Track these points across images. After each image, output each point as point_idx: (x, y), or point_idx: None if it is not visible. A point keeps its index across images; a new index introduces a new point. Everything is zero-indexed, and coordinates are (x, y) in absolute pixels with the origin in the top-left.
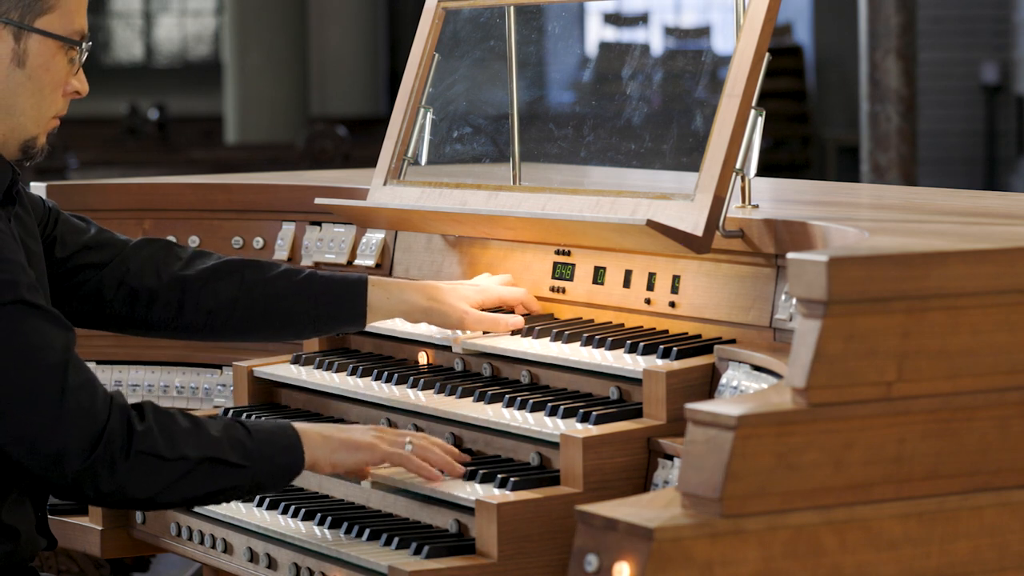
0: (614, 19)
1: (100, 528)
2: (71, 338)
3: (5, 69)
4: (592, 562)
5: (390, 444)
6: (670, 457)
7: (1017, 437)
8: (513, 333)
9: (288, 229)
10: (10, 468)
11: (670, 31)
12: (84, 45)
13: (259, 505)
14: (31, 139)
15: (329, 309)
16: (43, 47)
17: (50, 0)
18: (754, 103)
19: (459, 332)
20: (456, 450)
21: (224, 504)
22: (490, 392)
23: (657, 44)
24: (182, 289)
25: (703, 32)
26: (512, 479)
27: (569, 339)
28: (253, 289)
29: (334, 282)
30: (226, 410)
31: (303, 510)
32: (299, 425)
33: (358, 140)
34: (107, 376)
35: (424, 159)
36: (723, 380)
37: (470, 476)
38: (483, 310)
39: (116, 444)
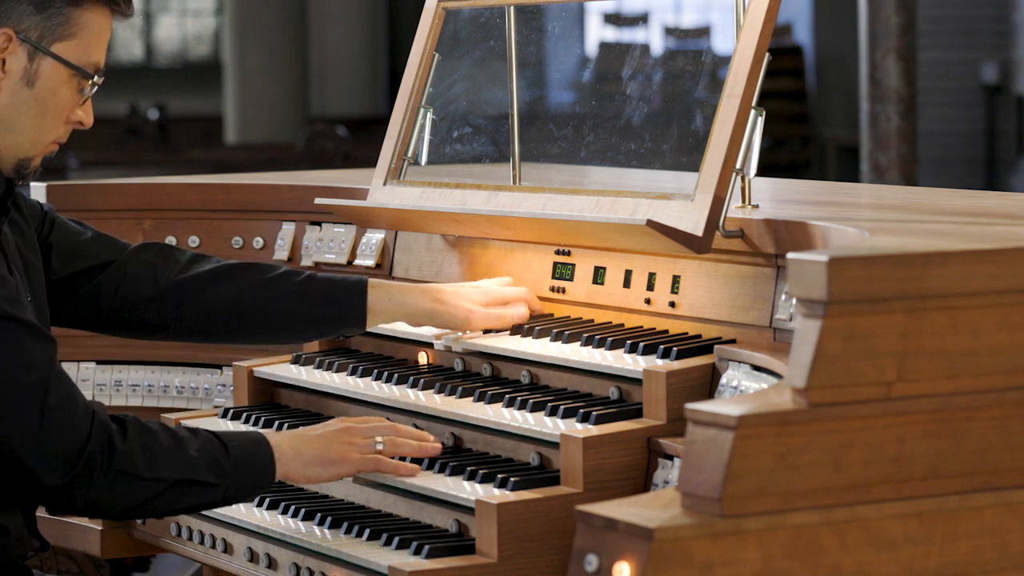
0: (614, 19)
1: (100, 528)
2: (52, 350)
3: (13, 85)
4: (592, 562)
5: (361, 451)
6: (670, 457)
7: (1017, 437)
8: (513, 333)
9: (288, 229)
10: None
11: (670, 31)
12: (96, 79)
13: (259, 505)
14: (26, 159)
15: (328, 311)
16: (55, 72)
17: (72, 28)
18: (754, 103)
19: (457, 332)
20: (425, 434)
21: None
22: (490, 392)
23: (657, 44)
24: (180, 292)
25: (703, 32)
26: (512, 479)
27: (569, 339)
28: (253, 291)
29: (333, 284)
30: (225, 410)
31: (303, 510)
32: (273, 438)
33: (358, 140)
34: (107, 376)
35: (424, 159)
36: (723, 380)
37: (470, 476)
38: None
39: (96, 463)
